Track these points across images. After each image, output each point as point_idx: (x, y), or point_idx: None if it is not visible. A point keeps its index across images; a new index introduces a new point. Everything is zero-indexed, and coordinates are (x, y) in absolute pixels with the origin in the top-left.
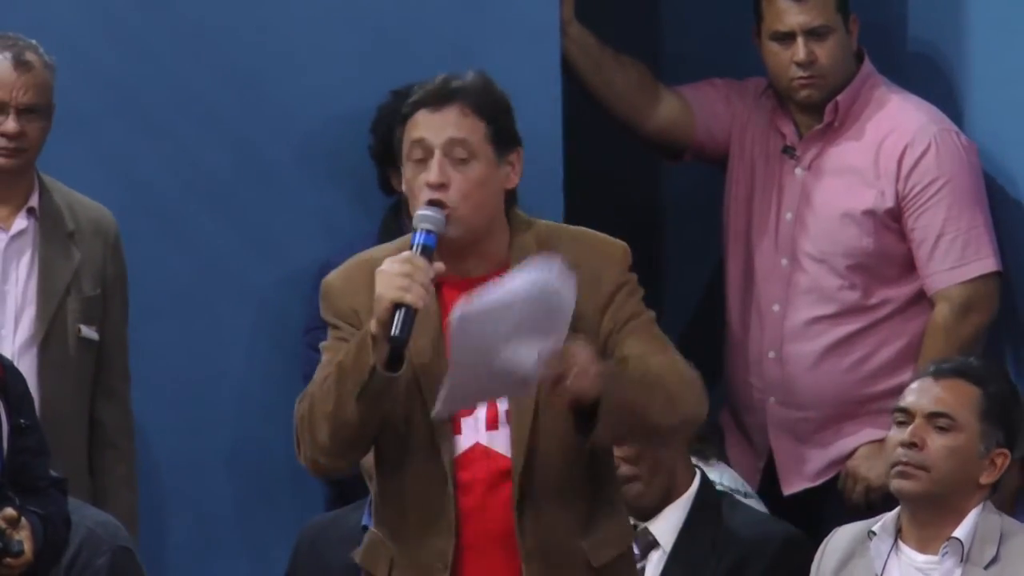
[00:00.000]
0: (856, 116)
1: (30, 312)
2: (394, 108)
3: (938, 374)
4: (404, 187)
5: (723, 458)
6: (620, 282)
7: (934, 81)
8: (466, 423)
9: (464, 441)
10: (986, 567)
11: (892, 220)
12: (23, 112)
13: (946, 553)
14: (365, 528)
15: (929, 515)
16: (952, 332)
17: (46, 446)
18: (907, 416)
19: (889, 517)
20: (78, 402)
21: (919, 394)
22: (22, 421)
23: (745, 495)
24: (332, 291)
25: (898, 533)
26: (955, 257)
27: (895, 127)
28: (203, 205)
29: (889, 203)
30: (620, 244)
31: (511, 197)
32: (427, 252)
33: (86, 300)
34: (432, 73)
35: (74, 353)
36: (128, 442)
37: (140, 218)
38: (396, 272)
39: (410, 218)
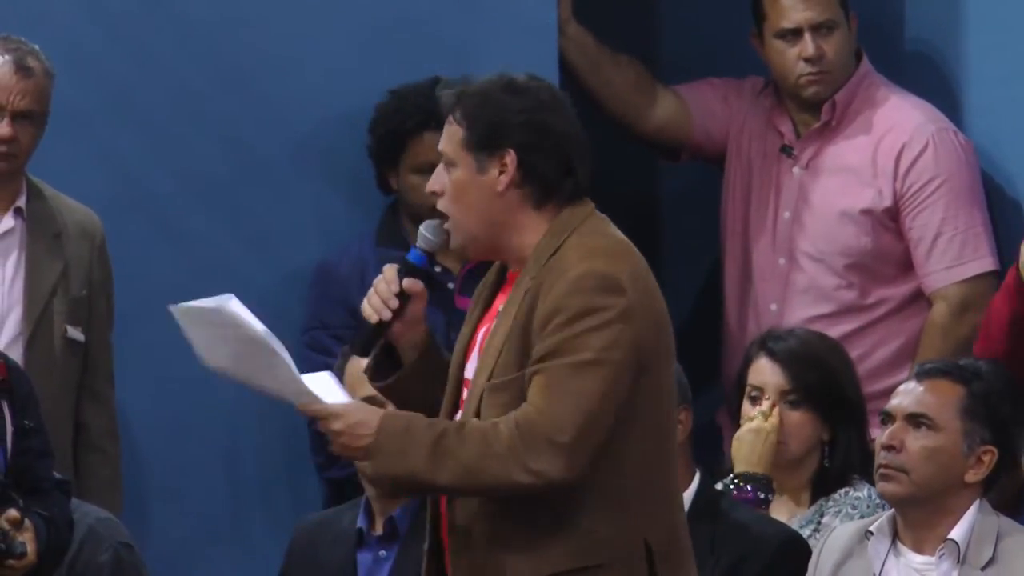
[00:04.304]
0: (854, 115)
1: (16, 312)
2: (392, 108)
3: (921, 375)
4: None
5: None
6: (558, 306)
7: (932, 80)
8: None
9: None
10: (983, 568)
11: (890, 219)
12: (18, 117)
13: (943, 555)
14: (360, 530)
15: (919, 516)
16: (949, 331)
17: (50, 448)
18: (890, 419)
19: (885, 517)
20: (63, 403)
21: (902, 396)
22: (26, 422)
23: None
24: None
25: (896, 533)
26: (952, 256)
27: (893, 126)
28: (199, 204)
29: (887, 202)
30: (583, 267)
31: (545, 200)
32: (408, 267)
33: (73, 301)
34: (430, 72)
35: (60, 354)
36: (113, 445)
37: (135, 217)
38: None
39: (408, 218)
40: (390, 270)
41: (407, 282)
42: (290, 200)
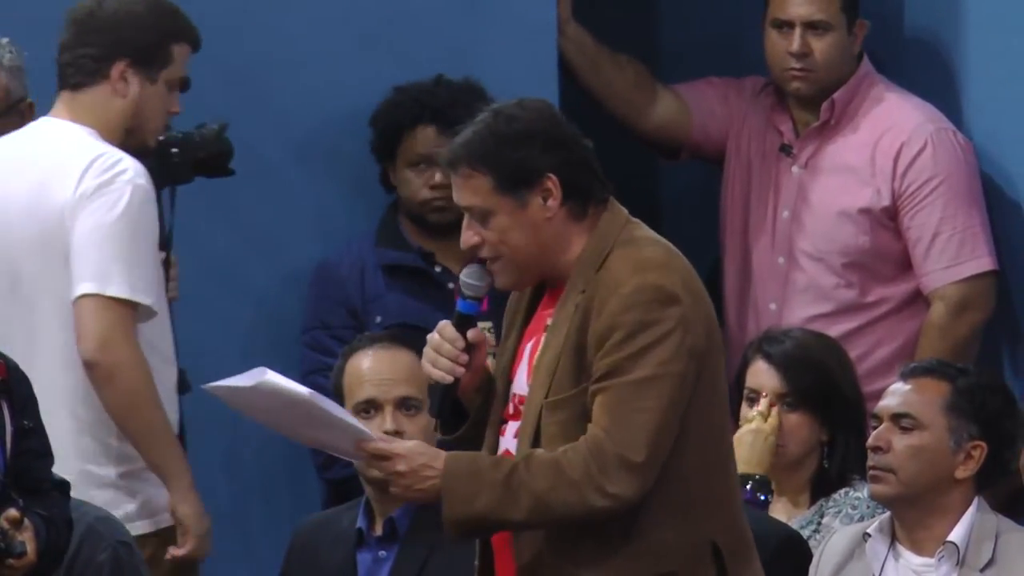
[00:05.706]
0: (853, 114)
1: None
2: (391, 103)
3: (906, 375)
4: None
5: None
6: (615, 324)
7: (932, 79)
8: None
9: (508, 433)
10: (982, 570)
11: (888, 218)
12: None
13: (942, 556)
14: (360, 530)
15: (913, 516)
16: (948, 331)
17: (49, 448)
18: (878, 421)
19: (884, 518)
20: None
21: (889, 397)
22: (26, 423)
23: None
24: None
25: (894, 535)
26: (951, 256)
27: (892, 125)
28: (200, 203)
29: (885, 201)
30: (636, 281)
31: (584, 208)
32: (464, 320)
33: None
34: (430, 72)
35: None
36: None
37: None
38: (427, 347)
39: (404, 215)
40: (448, 328)
41: (471, 334)
42: (291, 199)
